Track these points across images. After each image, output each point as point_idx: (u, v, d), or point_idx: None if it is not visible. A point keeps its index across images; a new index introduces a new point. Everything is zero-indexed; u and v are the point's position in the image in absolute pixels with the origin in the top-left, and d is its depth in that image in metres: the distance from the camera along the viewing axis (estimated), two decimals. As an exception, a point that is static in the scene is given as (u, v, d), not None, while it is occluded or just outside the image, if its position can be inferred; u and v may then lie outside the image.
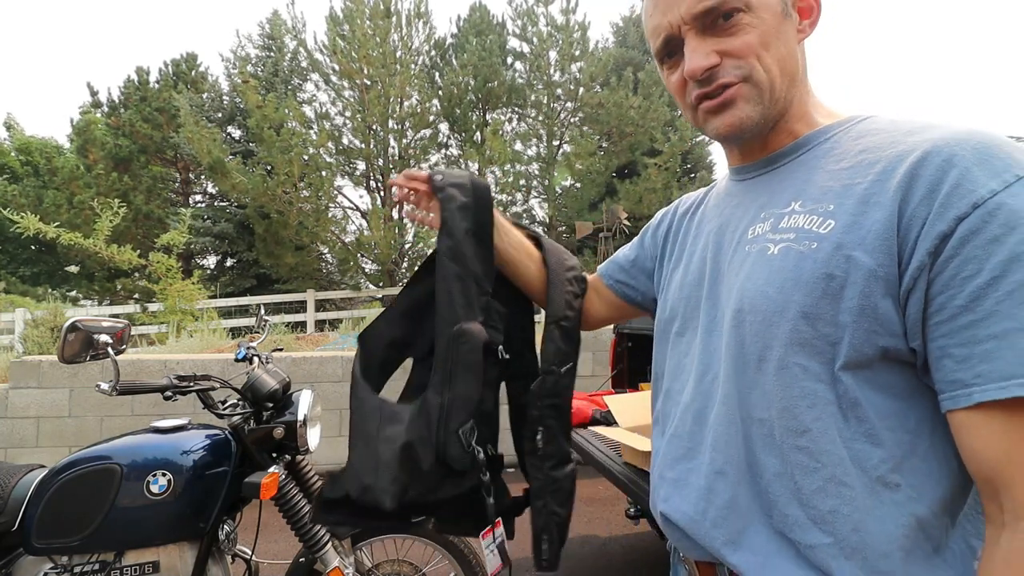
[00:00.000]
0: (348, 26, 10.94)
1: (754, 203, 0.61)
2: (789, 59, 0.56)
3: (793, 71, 0.57)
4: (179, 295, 6.95)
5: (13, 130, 18.22)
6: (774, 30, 0.55)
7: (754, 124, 0.58)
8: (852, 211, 0.50)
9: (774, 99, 0.57)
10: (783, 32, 0.56)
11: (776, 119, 0.59)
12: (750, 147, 0.64)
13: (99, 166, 12.97)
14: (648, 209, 12.10)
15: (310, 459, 1.67)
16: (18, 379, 4.08)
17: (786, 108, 0.59)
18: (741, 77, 0.56)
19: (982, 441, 0.43)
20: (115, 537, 1.35)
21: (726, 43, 0.55)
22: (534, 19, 13.57)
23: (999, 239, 0.42)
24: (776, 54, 0.55)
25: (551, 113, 13.31)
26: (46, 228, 6.86)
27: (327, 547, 1.56)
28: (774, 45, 0.55)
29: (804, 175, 0.56)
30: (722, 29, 0.55)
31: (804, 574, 0.51)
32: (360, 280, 13.13)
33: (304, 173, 10.11)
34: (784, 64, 0.56)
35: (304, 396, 1.57)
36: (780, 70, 0.56)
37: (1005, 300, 0.42)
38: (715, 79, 0.57)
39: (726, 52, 0.56)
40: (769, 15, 0.55)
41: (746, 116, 0.57)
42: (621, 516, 2.72)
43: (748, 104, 0.57)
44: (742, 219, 0.62)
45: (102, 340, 1.31)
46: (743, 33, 0.55)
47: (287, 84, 14.79)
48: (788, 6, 0.56)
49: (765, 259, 0.55)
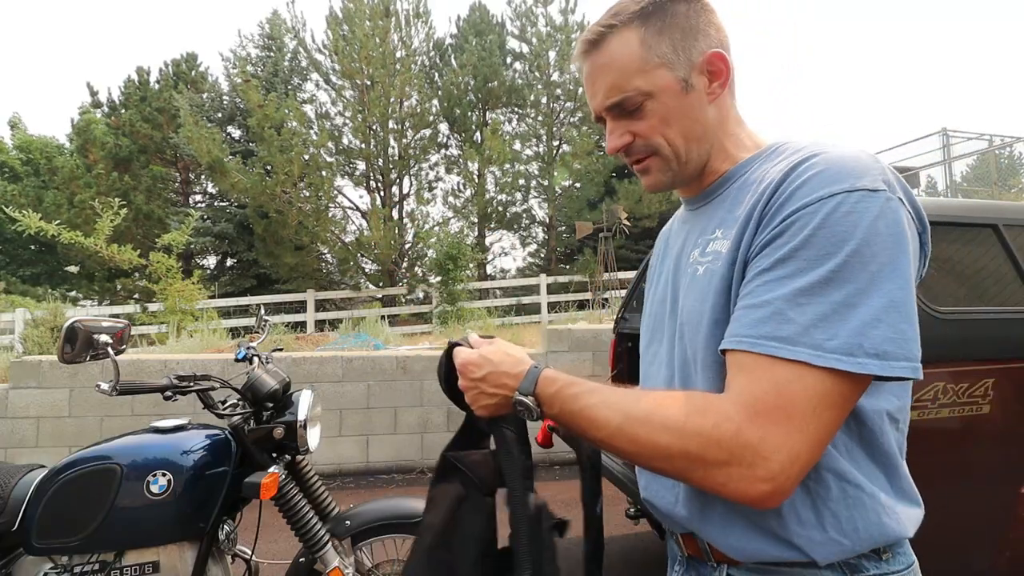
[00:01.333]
0: (348, 26, 10.95)
1: (694, 230, 0.72)
2: (694, 125, 0.67)
3: (700, 133, 0.67)
4: (179, 295, 6.96)
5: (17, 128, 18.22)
6: (675, 108, 0.66)
7: (667, 185, 0.72)
8: (739, 227, 0.61)
9: (682, 162, 0.68)
10: (685, 106, 0.66)
11: (697, 169, 0.70)
12: (688, 187, 0.74)
13: (99, 166, 12.98)
14: (648, 209, 12.11)
15: (310, 459, 1.67)
16: (18, 379, 4.08)
17: (705, 158, 0.69)
18: (649, 152, 0.69)
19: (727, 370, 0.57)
20: (115, 537, 1.35)
21: (635, 125, 0.68)
22: (533, 19, 13.59)
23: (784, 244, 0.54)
24: (679, 127, 0.67)
25: (550, 113, 13.32)
26: (47, 227, 6.86)
27: (327, 547, 1.56)
28: (676, 121, 0.66)
29: (728, 206, 0.67)
30: (632, 113, 0.67)
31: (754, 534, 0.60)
32: (360, 280, 13.13)
33: (304, 173, 10.12)
34: (689, 132, 0.67)
35: (304, 396, 1.57)
36: (684, 138, 0.67)
37: (761, 286, 0.55)
38: (631, 154, 0.70)
39: (635, 133, 0.68)
40: (668, 97, 0.65)
41: (658, 181, 0.71)
42: (621, 516, 2.72)
43: (659, 172, 0.70)
44: (686, 244, 0.73)
45: (102, 340, 1.31)
46: (648, 117, 0.66)
47: (287, 84, 14.80)
48: (689, 80, 0.65)
49: (695, 279, 0.66)
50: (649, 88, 0.65)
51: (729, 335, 0.56)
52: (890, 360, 0.50)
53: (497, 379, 0.68)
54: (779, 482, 0.50)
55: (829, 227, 0.52)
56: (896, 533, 0.58)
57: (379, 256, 11.14)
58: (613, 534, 2.93)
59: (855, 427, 0.57)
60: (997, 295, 1.70)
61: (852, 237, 0.51)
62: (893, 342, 0.50)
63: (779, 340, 0.51)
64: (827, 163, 0.56)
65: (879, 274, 0.51)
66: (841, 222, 0.52)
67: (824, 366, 0.50)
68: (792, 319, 0.51)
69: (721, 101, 0.68)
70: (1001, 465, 1.58)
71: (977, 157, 13.23)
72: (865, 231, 0.52)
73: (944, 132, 11.99)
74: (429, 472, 4.26)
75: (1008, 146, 13.07)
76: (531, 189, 14.20)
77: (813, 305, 0.51)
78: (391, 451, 4.33)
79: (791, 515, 0.58)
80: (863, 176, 0.54)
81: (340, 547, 1.63)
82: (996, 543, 1.60)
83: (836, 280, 0.51)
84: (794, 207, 0.55)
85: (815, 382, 0.50)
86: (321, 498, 1.67)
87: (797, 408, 0.50)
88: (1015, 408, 1.57)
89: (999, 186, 12.12)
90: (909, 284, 0.52)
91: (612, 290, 9.33)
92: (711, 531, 0.64)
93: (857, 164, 0.55)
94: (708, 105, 0.67)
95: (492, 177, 12.96)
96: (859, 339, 0.50)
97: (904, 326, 0.51)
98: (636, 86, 0.65)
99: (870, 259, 0.51)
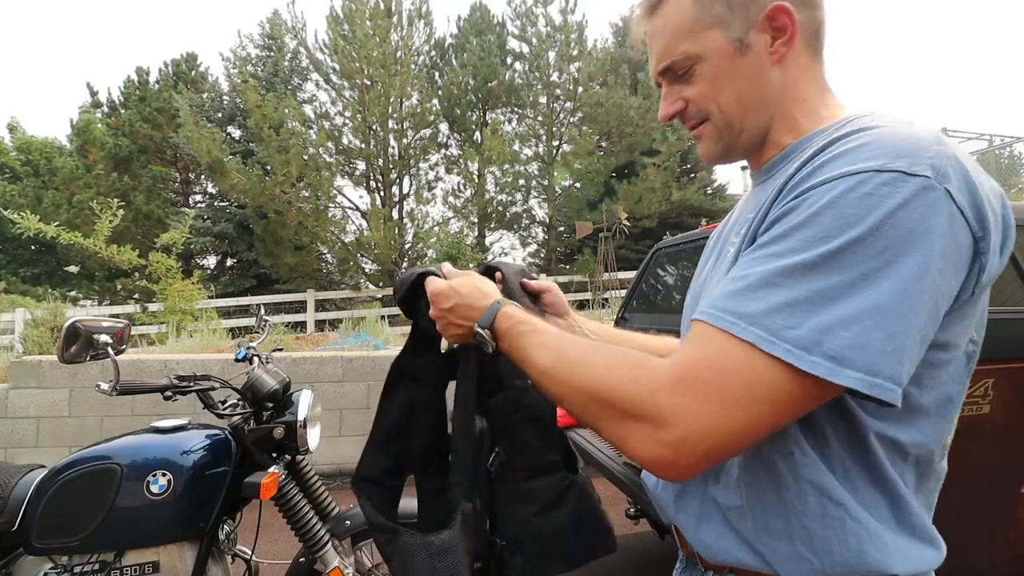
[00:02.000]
0: (348, 26, 10.94)
1: (745, 210, 0.67)
2: (750, 90, 0.61)
3: (758, 99, 0.61)
4: (179, 295, 6.95)
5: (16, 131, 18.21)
6: (727, 72, 0.61)
7: (720, 155, 0.67)
8: (766, 204, 0.56)
9: (735, 131, 0.64)
10: (740, 69, 0.60)
11: (755, 139, 0.64)
12: (749, 159, 0.69)
13: (99, 166, 12.97)
14: (647, 209, 12.10)
15: (310, 459, 1.67)
16: (18, 379, 4.08)
17: (764, 128, 0.63)
18: (700, 119, 0.65)
19: None
20: (115, 537, 1.35)
21: (687, 91, 0.64)
22: (533, 19, 13.58)
23: (788, 221, 0.49)
24: (732, 92, 0.62)
25: (550, 113, 13.32)
26: (46, 228, 6.86)
27: (327, 547, 1.56)
28: (728, 85, 0.61)
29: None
30: (684, 78, 0.64)
31: (723, 531, 0.58)
32: (360, 280, 13.12)
33: (304, 173, 10.11)
34: (743, 97, 0.61)
35: (304, 396, 1.57)
36: (738, 104, 0.62)
37: (749, 260, 0.51)
38: (684, 121, 0.67)
39: (687, 98, 0.64)
40: (720, 59, 0.60)
41: (710, 151, 0.67)
42: (621, 516, 2.71)
43: (710, 140, 0.66)
44: (736, 224, 0.68)
45: (102, 340, 1.31)
46: (698, 81, 0.62)
47: (287, 84, 14.79)
48: (746, 40, 0.60)
49: (721, 260, 0.64)
50: (698, 51, 0.61)
51: (700, 305, 0.52)
52: (845, 367, 0.43)
53: (464, 311, 0.70)
54: (681, 452, 0.47)
55: (838, 207, 0.46)
56: (877, 566, 0.51)
57: (379, 256, 11.13)
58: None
59: (858, 448, 0.52)
60: (997, 295, 1.70)
61: (860, 222, 0.45)
62: (859, 349, 0.43)
63: (737, 316, 0.47)
64: (870, 138, 0.49)
65: (878, 272, 0.44)
66: (854, 204, 0.45)
67: (771, 353, 0.45)
68: (760, 298, 0.47)
69: (789, 62, 0.61)
70: (1001, 465, 1.58)
71: (977, 157, 13.25)
72: (879, 219, 0.44)
73: (944, 132, 11.99)
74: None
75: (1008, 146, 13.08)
76: (531, 189, 14.20)
77: (788, 288, 0.46)
78: (391, 451, 4.33)
79: (760, 521, 0.55)
80: (904, 156, 0.46)
81: (340, 547, 1.63)
82: (996, 543, 1.60)
83: (824, 267, 0.45)
84: (813, 182, 0.49)
85: (761, 368, 0.45)
86: (321, 498, 1.67)
87: (730, 388, 0.46)
88: (1015, 408, 1.57)
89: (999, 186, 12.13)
90: (913, 292, 0.44)
91: (612, 290, 9.33)
92: (685, 521, 0.64)
93: (905, 143, 0.47)
94: (770, 67, 0.60)
95: (492, 177, 12.95)
96: (821, 336, 0.44)
97: (879, 335, 0.43)
98: (684, 49, 0.61)
99: (874, 252, 0.44)
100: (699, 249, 2.79)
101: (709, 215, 13.28)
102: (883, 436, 0.52)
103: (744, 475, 0.57)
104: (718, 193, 15.42)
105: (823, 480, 0.52)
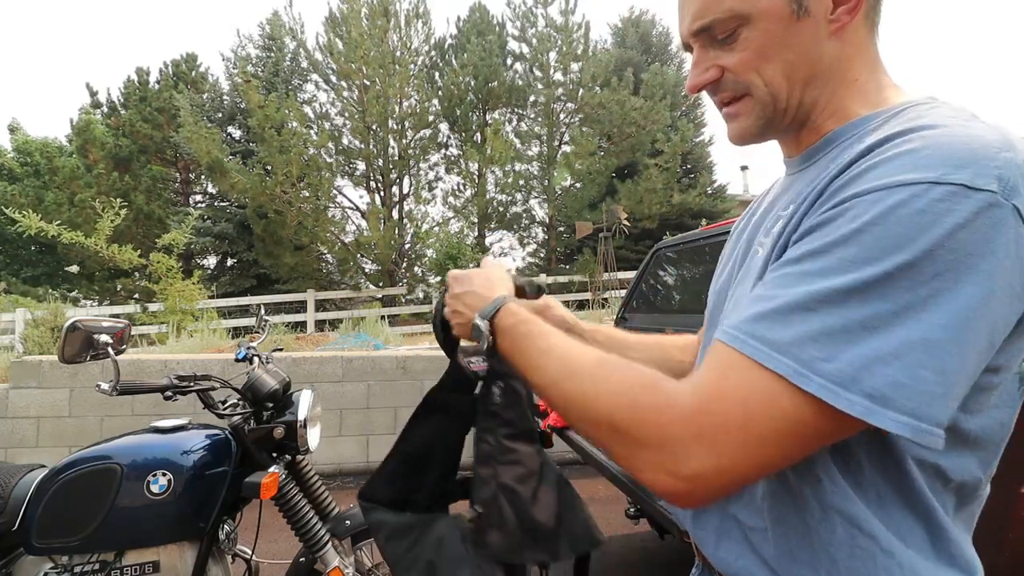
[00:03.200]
0: (346, 27, 10.96)
1: (779, 201, 0.59)
2: (802, 62, 0.52)
3: (809, 74, 0.53)
4: (179, 295, 6.95)
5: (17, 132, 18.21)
6: (778, 39, 0.52)
7: (756, 135, 0.58)
8: (803, 204, 0.50)
9: (779, 109, 0.55)
10: (793, 37, 0.51)
11: (798, 119, 0.56)
12: (786, 143, 0.61)
13: (99, 166, 12.98)
14: (648, 209, 12.10)
15: (310, 459, 1.67)
16: (18, 379, 4.08)
17: (809, 108, 0.55)
18: (740, 92, 0.55)
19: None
20: (115, 537, 1.35)
21: (725, 58, 0.54)
22: (533, 20, 13.59)
23: (827, 235, 0.44)
24: (780, 64, 0.53)
25: (551, 113, 13.32)
26: (48, 227, 6.87)
27: (327, 547, 1.56)
28: (777, 55, 0.52)
29: (813, 176, 0.53)
30: (723, 42, 0.54)
31: (745, 551, 0.54)
32: (360, 280, 13.13)
33: (304, 173, 10.12)
34: (793, 71, 0.53)
35: (304, 396, 1.58)
36: (787, 78, 0.53)
37: (780, 277, 0.46)
38: (718, 91, 0.57)
39: (725, 67, 0.55)
40: (773, 23, 0.51)
41: (745, 129, 0.57)
42: (621, 516, 2.72)
43: (748, 118, 0.56)
44: (766, 218, 0.60)
45: (102, 340, 1.31)
46: (741, 49, 0.53)
47: (287, 84, 14.80)
48: (804, 3, 0.51)
49: (752, 261, 0.56)
50: (747, 10, 0.51)
51: (724, 324, 0.47)
52: (887, 407, 0.38)
53: (471, 299, 0.66)
54: (696, 485, 0.43)
55: (886, 225, 0.40)
56: None
57: (379, 256, 11.14)
58: (613, 534, 2.93)
59: (894, 474, 0.47)
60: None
61: (910, 244, 0.39)
62: (899, 388, 0.38)
63: (767, 343, 0.42)
64: (927, 141, 0.42)
65: (928, 300, 0.39)
66: (905, 221, 0.40)
67: (802, 388, 0.40)
68: (792, 323, 0.42)
69: (848, 35, 0.52)
70: (1001, 465, 1.58)
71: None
72: (933, 241, 0.39)
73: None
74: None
75: (1008, 146, 13.06)
76: (531, 189, 14.20)
77: (823, 315, 0.41)
78: (391, 451, 4.33)
79: (784, 546, 0.51)
80: (967, 166, 0.40)
81: (340, 547, 1.63)
82: (996, 543, 1.60)
83: (867, 293, 0.40)
84: (856, 190, 0.43)
85: (790, 404, 0.41)
86: (321, 498, 1.67)
87: (753, 422, 0.41)
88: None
89: None
90: (967, 325, 0.39)
91: (612, 290, 9.33)
92: (703, 536, 0.59)
93: (968, 148, 0.41)
94: (827, 38, 0.52)
95: (492, 177, 12.96)
96: (860, 371, 0.39)
97: (926, 373, 0.38)
98: (730, 7, 0.52)
99: (924, 279, 0.39)
100: (699, 249, 2.80)
101: (710, 216, 13.28)
102: (923, 462, 0.47)
103: (768, 497, 0.53)
104: (718, 194, 15.42)
105: (853, 509, 0.47)
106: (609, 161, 12.57)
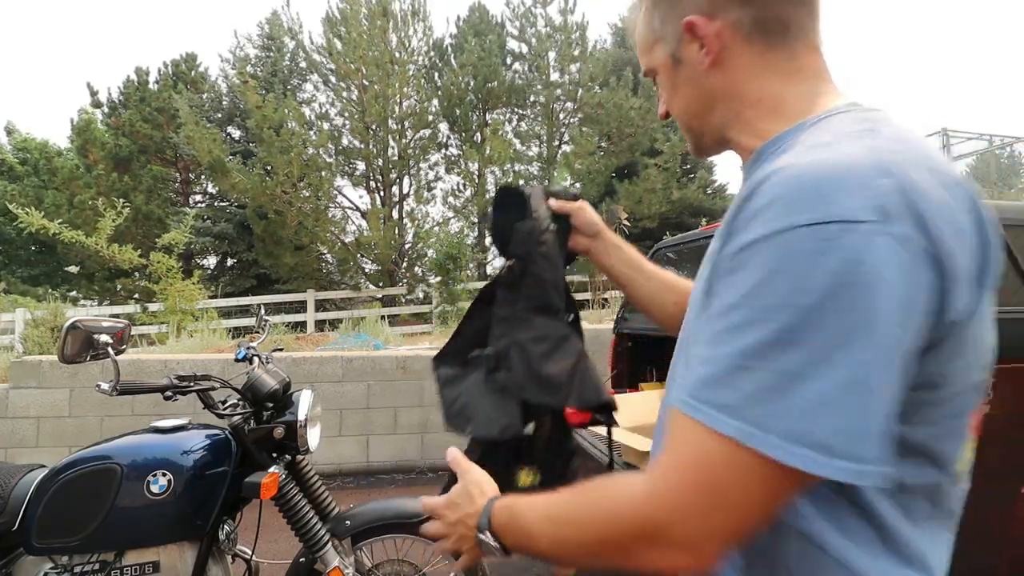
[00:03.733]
0: (345, 28, 10.95)
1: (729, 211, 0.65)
2: (694, 97, 0.63)
3: (704, 104, 0.63)
4: (179, 295, 6.95)
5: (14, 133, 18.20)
6: (671, 84, 0.65)
7: (697, 151, 0.70)
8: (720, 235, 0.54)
9: (696, 133, 0.67)
10: (679, 79, 0.64)
11: (715, 142, 0.66)
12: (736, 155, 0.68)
13: (99, 166, 12.98)
14: (648, 209, 12.10)
15: (310, 459, 1.67)
16: (18, 379, 4.08)
17: (719, 130, 0.64)
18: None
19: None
20: (115, 537, 1.35)
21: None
22: (532, 20, 13.58)
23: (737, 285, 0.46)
24: (681, 100, 0.65)
25: (550, 113, 13.31)
26: (49, 225, 6.88)
27: (327, 547, 1.56)
28: (676, 95, 0.65)
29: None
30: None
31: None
32: (360, 280, 13.13)
33: (304, 173, 10.12)
34: (689, 104, 0.64)
35: (304, 396, 1.58)
36: (686, 113, 0.65)
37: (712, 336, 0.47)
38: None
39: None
40: (665, 73, 0.65)
41: (690, 147, 0.71)
42: None
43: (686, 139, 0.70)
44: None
45: (102, 340, 1.31)
46: (662, 90, 0.67)
47: (286, 84, 14.80)
48: (677, 54, 0.62)
49: (699, 283, 0.61)
50: (652, 64, 0.66)
51: (678, 389, 0.49)
52: (832, 457, 0.40)
53: (466, 520, 0.67)
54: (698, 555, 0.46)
55: (782, 273, 0.42)
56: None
57: (379, 256, 11.14)
58: None
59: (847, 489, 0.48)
60: (997, 295, 1.70)
61: (810, 288, 0.41)
62: (840, 435, 0.40)
63: (717, 408, 0.44)
64: (790, 179, 0.45)
65: (841, 340, 0.40)
66: (798, 266, 0.42)
67: (755, 448, 0.42)
68: (734, 384, 0.44)
69: (727, 63, 0.59)
70: (1001, 465, 1.58)
71: (977, 157, 13.23)
72: (828, 282, 0.41)
73: (944, 132, 11.99)
74: (429, 472, 4.27)
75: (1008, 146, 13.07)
76: (531, 189, 14.18)
77: (758, 371, 0.42)
78: (391, 451, 4.33)
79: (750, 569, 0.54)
80: (835, 201, 0.42)
81: (340, 547, 1.63)
82: (996, 543, 1.60)
83: (787, 343, 0.42)
84: (750, 238, 0.45)
85: (748, 464, 0.43)
86: (321, 498, 1.67)
87: (719, 488, 0.44)
88: (1015, 408, 1.57)
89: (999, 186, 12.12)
90: (881, 355, 0.41)
91: (612, 290, 9.33)
92: None
93: (832, 182, 0.43)
94: (706, 74, 0.60)
95: (492, 177, 12.96)
96: (807, 424, 0.41)
97: (856, 416, 0.41)
98: (645, 63, 0.68)
99: (830, 319, 0.41)
100: (699, 249, 2.80)
101: (709, 215, 13.28)
102: None
103: None
104: (718, 193, 15.42)
105: (802, 526, 0.49)
106: (608, 161, 12.57)
